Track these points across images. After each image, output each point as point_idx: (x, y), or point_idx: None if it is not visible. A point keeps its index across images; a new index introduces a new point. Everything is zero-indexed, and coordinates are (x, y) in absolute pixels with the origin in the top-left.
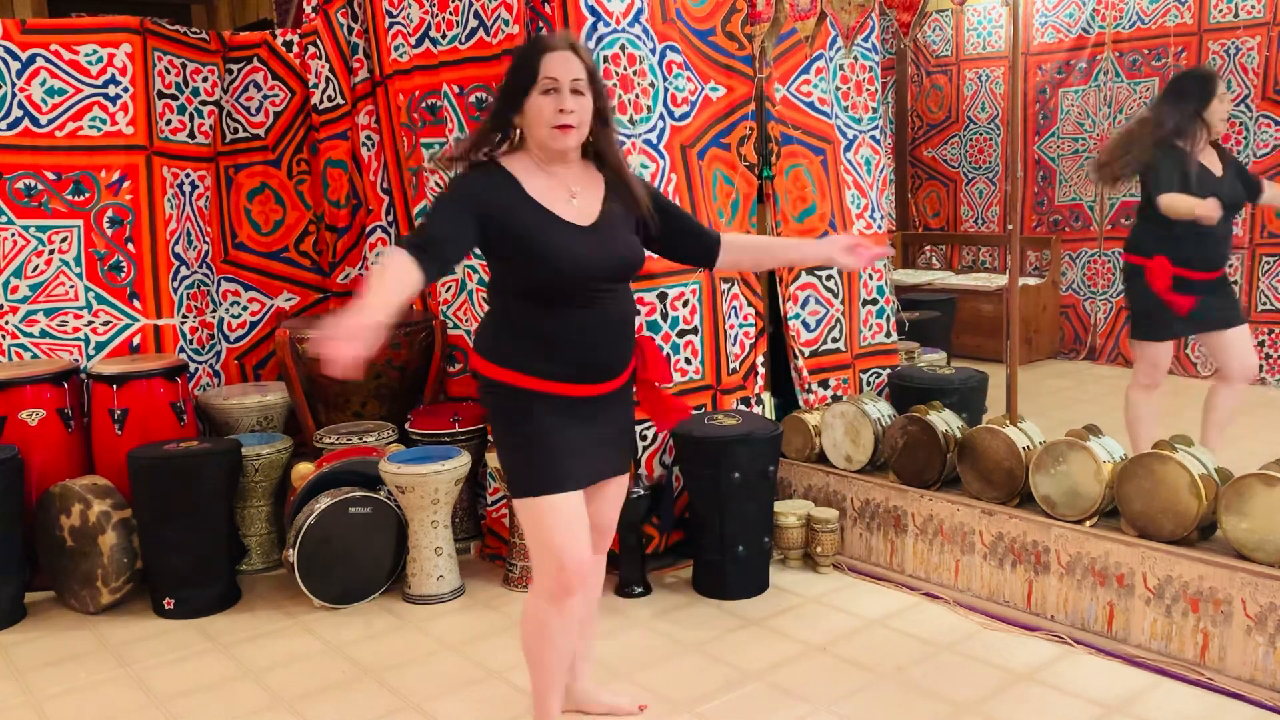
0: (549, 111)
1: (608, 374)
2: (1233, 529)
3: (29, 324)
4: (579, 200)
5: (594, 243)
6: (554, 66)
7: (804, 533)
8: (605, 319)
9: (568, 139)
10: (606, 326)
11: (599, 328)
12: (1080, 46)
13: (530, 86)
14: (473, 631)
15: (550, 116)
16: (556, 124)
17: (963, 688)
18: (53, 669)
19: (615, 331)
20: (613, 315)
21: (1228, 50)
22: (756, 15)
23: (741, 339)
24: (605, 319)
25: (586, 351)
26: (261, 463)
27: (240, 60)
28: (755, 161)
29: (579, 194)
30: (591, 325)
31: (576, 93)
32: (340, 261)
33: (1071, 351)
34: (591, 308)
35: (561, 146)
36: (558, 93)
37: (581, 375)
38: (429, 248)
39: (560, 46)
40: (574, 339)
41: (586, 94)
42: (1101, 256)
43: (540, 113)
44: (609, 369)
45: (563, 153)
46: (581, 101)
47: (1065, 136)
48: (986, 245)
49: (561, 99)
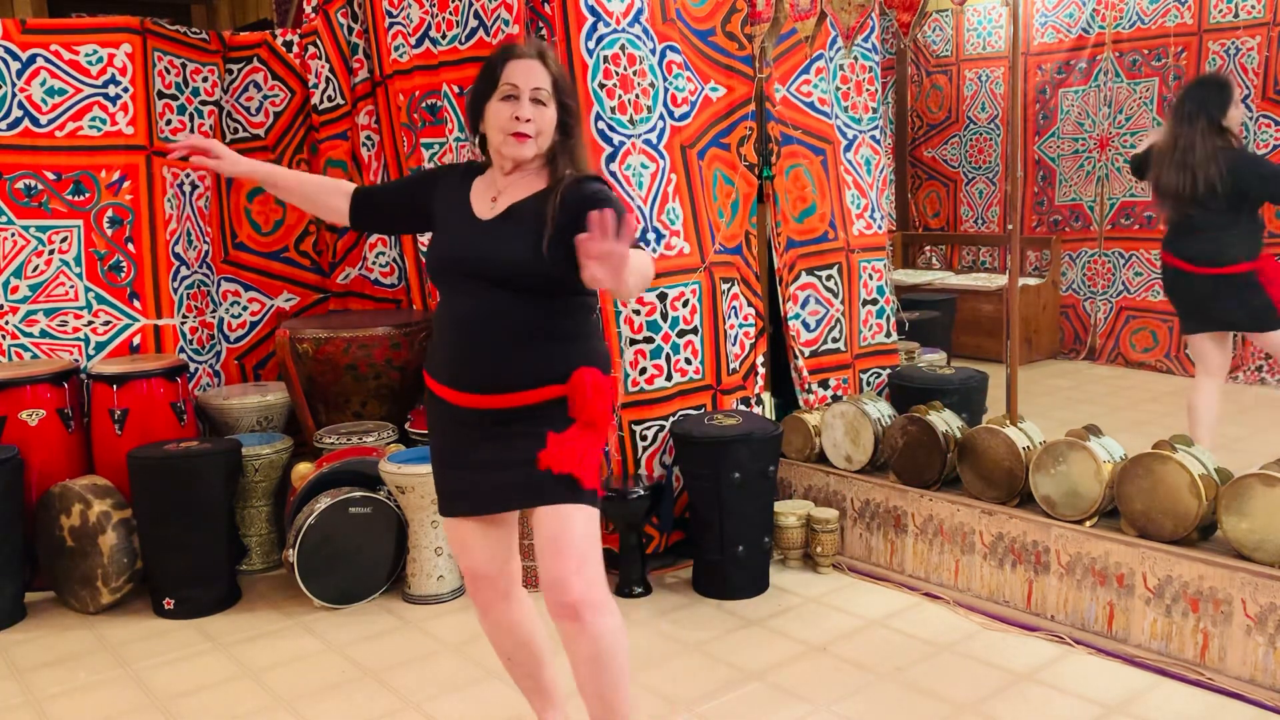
0: (504, 118)
1: (492, 384)
2: (1233, 529)
3: (29, 324)
4: (500, 200)
5: (481, 237)
6: (515, 73)
7: (804, 533)
8: (490, 322)
9: (522, 148)
10: (492, 331)
11: (482, 330)
12: (1080, 46)
13: (491, 92)
14: (473, 631)
15: (505, 123)
16: (511, 131)
17: (963, 688)
18: (53, 669)
19: (503, 339)
20: (501, 319)
21: (1228, 50)
22: (756, 15)
23: (741, 339)
24: (490, 322)
25: (465, 353)
26: (261, 463)
27: (240, 60)
28: (755, 161)
29: (503, 193)
30: (473, 325)
31: (537, 102)
32: (340, 261)
33: (1071, 351)
34: (477, 306)
35: (515, 154)
36: (516, 100)
37: (461, 380)
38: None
39: (526, 55)
40: (454, 338)
41: (549, 105)
42: (1101, 256)
43: (498, 118)
44: (493, 378)
45: (518, 162)
46: (542, 112)
47: (1065, 136)
48: (986, 245)
49: (519, 106)
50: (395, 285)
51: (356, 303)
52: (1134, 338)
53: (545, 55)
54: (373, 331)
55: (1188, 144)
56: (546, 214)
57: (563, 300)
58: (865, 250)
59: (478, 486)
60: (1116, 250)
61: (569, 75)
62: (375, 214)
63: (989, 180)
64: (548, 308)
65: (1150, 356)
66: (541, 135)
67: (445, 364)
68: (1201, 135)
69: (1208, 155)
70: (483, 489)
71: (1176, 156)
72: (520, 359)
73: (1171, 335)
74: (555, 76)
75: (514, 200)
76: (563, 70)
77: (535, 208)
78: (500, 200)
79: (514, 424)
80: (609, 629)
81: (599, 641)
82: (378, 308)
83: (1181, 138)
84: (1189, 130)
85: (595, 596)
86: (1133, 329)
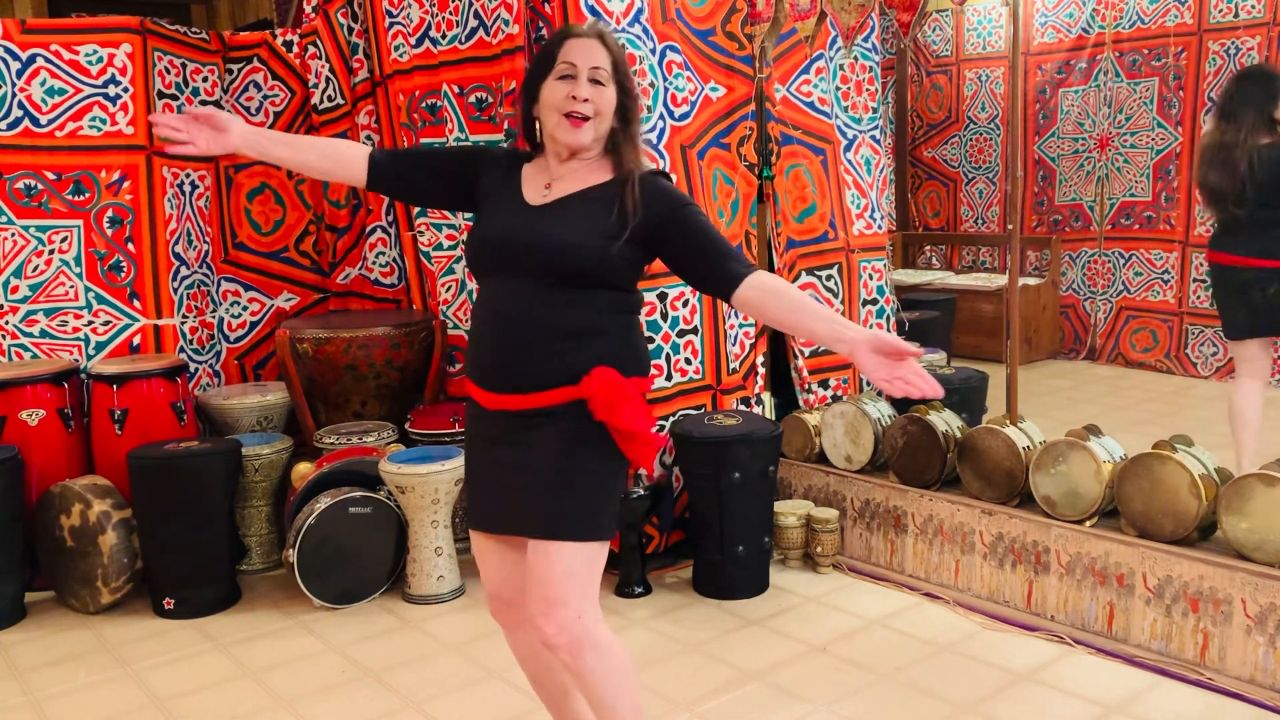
0: (560, 96)
1: (519, 382)
2: (1233, 529)
3: (29, 324)
4: (555, 187)
5: (532, 221)
6: (573, 52)
7: (804, 533)
8: (527, 313)
9: (579, 133)
10: (526, 323)
11: (516, 321)
12: (1080, 46)
13: (547, 72)
14: (473, 631)
15: (561, 102)
16: (566, 111)
17: (963, 688)
18: (53, 669)
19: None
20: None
21: (1228, 50)
22: (756, 15)
23: (741, 339)
24: (527, 313)
25: (496, 347)
26: (261, 463)
27: (240, 60)
28: (755, 161)
29: (558, 181)
30: (508, 316)
31: (595, 82)
32: (340, 261)
33: (1071, 351)
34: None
35: (571, 140)
36: (574, 79)
37: (490, 377)
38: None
39: (585, 34)
40: (486, 330)
41: (608, 85)
42: (1101, 256)
43: (553, 98)
44: (520, 376)
45: (575, 149)
46: (600, 92)
47: (1065, 136)
48: (986, 245)
49: (577, 86)
50: (395, 285)
51: (356, 303)
52: (1134, 338)
53: (605, 36)
54: (373, 331)
55: (1232, 139)
56: (626, 205)
57: (607, 295)
58: (865, 250)
59: (493, 500)
60: (1116, 250)
61: None
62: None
63: (989, 180)
64: (582, 301)
65: (1150, 356)
66: (599, 118)
67: (475, 359)
68: (1249, 130)
69: (1251, 150)
70: (496, 504)
71: (1221, 154)
72: (550, 354)
73: (1171, 335)
74: (616, 58)
75: (573, 189)
76: (624, 52)
77: (602, 197)
78: (555, 187)
79: (527, 431)
80: (588, 669)
81: (581, 678)
82: (378, 308)
83: (1226, 133)
84: (1234, 125)
85: (564, 641)
86: (1133, 329)
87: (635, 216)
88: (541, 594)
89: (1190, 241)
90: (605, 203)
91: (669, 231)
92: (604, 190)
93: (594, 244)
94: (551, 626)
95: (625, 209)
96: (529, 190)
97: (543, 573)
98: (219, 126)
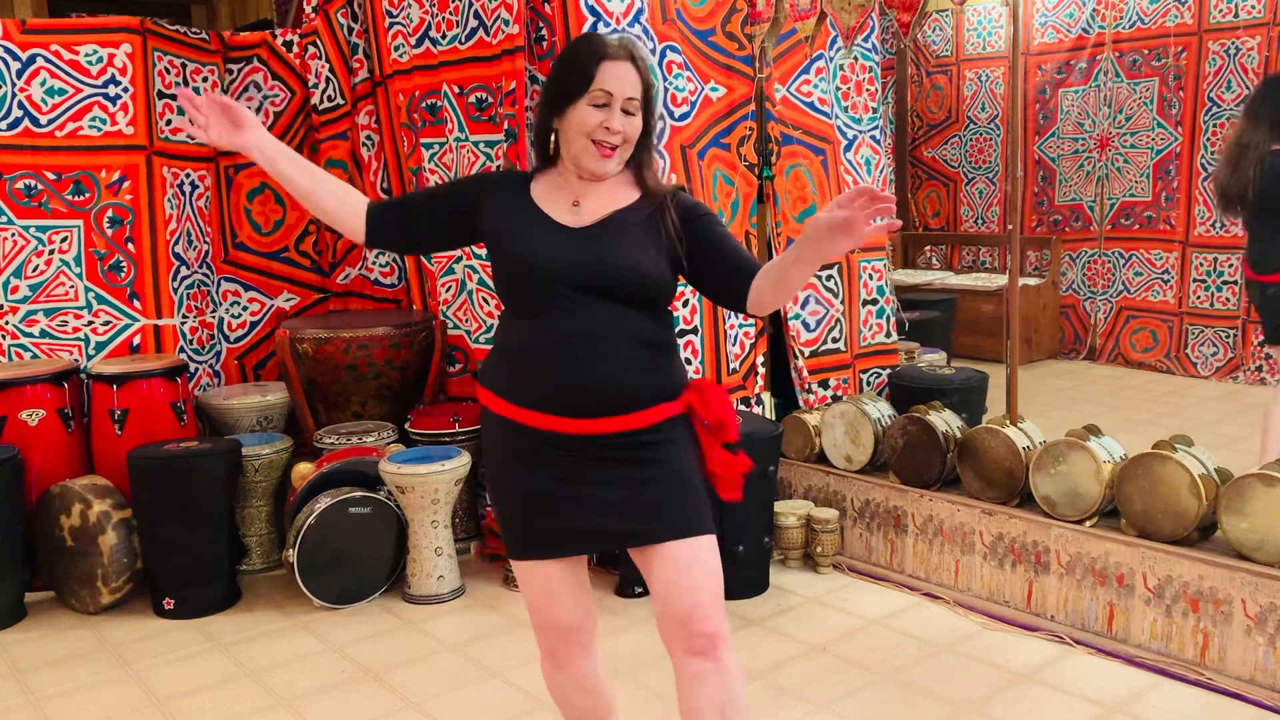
0: (591, 125)
1: (597, 406)
2: (1233, 529)
3: (29, 324)
4: (586, 207)
5: (580, 246)
6: (609, 78)
7: (804, 533)
8: (589, 337)
9: (607, 164)
10: (591, 347)
11: (579, 347)
12: (1080, 46)
13: (580, 93)
14: (473, 631)
15: (593, 130)
16: (597, 139)
17: (963, 688)
18: (53, 669)
19: (606, 354)
20: (601, 335)
21: (1228, 50)
22: (756, 15)
23: (741, 339)
24: (589, 337)
25: (570, 373)
26: (261, 463)
27: (240, 60)
28: (755, 161)
29: (586, 199)
30: (570, 342)
31: (627, 113)
32: (340, 261)
33: (1071, 351)
34: (571, 322)
35: (599, 170)
36: (608, 108)
37: (563, 403)
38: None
39: (619, 56)
40: (550, 357)
41: (637, 115)
42: (1101, 256)
43: (583, 124)
44: (598, 400)
45: (600, 177)
46: (630, 122)
47: (1065, 136)
48: (986, 245)
49: (611, 116)
50: (395, 285)
51: (356, 303)
52: (1134, 338)
53: (637, 58)
54: (373, 331)
55: (1249, 141)
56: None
57: (663, 312)
58: (865, 250)
59: (584, 521)
60: (1116, 250)
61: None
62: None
63: (989, 180)
64: (655, 319)
65: (1150, 356)
66: (626, 145)
67: (534, 386)
68: (1266, 134)
69: (1263, 155)
70: (591, 524)
71: (1236, 153)
72: (635, 375)
73: (1171, 335)
74: (646, 83)
75: (608, 208)
76: (650, 73)
77: (641, 216)
78: (585, 207)
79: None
80: (738, 671)
81: (730, 679)
82: (378, 308)
83: (1245, 133)
84: (1255, 127)
85: (720, 639)
86: (1133, 329)
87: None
88: (693, 597)
89: (1190, 241)
90: (648, 222)
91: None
92: (639, 209)
93: (660, 262)
94: (710, 625)
95: (669, 230)
96: (553, 209)
97: (692, 573)
98: (237, 121)
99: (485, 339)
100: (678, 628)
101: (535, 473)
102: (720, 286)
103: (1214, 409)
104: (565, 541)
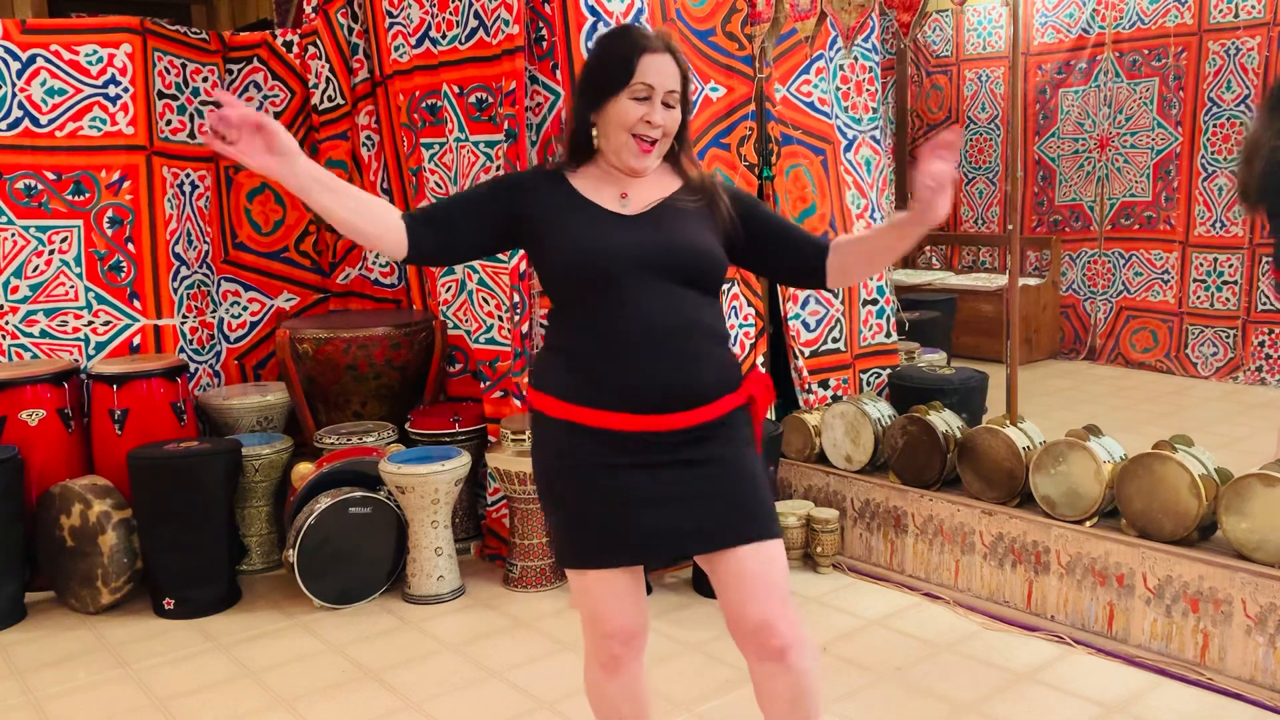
0: (633, 119)
1: (670, 400)
2: (1233, 529)
3: (29, 324)
4: (635, 196)
5: (639, 231)
6: (650, 71)
7: (804, 533)
8: (662, 326)
9: (648, 159)
10: (664, 336)
11: (650, 337)
12: (1080, 46)
13: (620, 87)
14: (473, 631)
15: (634, 124)
16: (638, 133)
17: (963, 688)
18: (53, 669)
19: (678, 344)
20: (673, 323)
21: (1228, 50)
22: (756, 15)
23: (741, 339)
24: (662, 326)
25: (633, 367)
26: (261, 463)
27: (240, 60)
28: (755, 161)
29: (634, 188)
30: (640, 333)
31: (667, 105)
32: (340, 261)
33: (1071, 351)
34: (639, 311)
35: (639, 165)
36: (649, 101)
37: (635, 399)
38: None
39: (658, 49)
40: (615, 350)
41: (676, 108)
42: (1101, 256)
43: (624, 118)
44: (670, 393)
45: (640, 173)
46: (669, 115)
47: (1065, 136)
48: (986, 245)
49: (652, 110)
50: (395, 285)
51: (356, 303)
52: (1134, 338)
53: (674, 50)
54: (373, 331)
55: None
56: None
57: (719, 300)
58: None
59: (651, 524)
60: (1116, 250)
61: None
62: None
63: (989, 180)
64: (715, 307)
65: (1150, 356)
66: (664, 140)
67: (600, 383)
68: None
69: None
70: (658, 527)
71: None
72: (704, 366)
73: (1171, 335)
74: (684, 74)
75: (657, 195)
76: (686, 66)
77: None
78: (634, 196)
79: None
80: (810, 669)
81: (803, 679)
82: (378, 308)
83: (1261, 131)
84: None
85: (801, 635)
86: (1133, 329)
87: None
88: (772, 597)
89: (1190, 241)
90: (699, 207)
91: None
92: (686, 196)
93: (718, 245)
94: (779, 639)
95: (723, 215)
96: (602, 200)
97: (762, 583)
98: (274, 147)
99: (485, 339)
100: (749, 638)
101: (599, 477)
102: (794, 263)
103: (1214, 409)
104: (634, 548)
